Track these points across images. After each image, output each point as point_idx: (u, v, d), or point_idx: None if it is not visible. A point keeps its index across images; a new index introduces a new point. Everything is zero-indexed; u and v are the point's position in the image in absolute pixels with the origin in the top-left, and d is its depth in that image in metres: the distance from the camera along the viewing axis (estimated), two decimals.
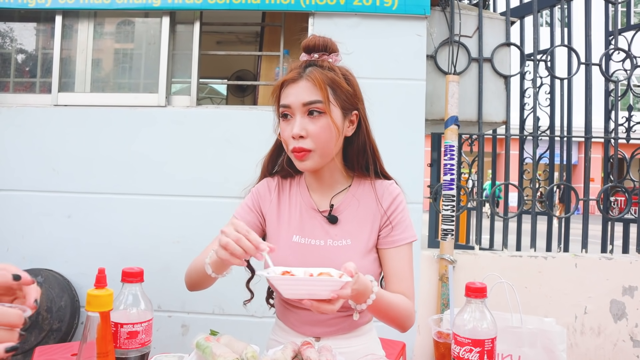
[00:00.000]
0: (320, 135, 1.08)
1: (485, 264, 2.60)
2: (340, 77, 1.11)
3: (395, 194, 1.20)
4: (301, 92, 1.07)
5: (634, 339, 2.61)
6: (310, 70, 1.09)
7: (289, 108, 1.09)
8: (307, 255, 1.14)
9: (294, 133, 1.07)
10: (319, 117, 1.07)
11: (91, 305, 0.72)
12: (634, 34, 3.01)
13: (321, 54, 1.13)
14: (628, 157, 2.98)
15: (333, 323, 1.16)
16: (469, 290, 0.85)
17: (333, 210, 1.18)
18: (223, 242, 0.90)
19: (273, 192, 1.23)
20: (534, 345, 1.65)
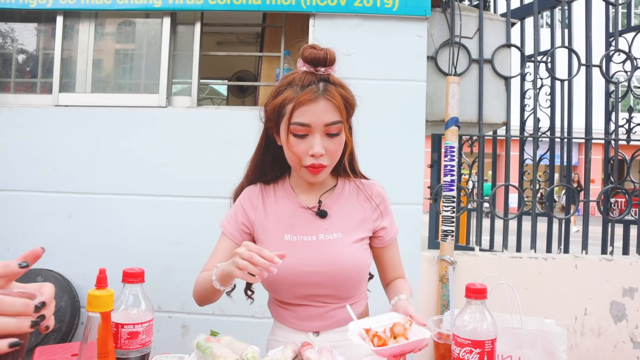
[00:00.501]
0: (337, 151, 1.15)
1: (485, 265, 2.60)
2: (350, 94, 1.16)
3: (383, 194, 1.29)
4: (322, 112, 1.09)
5: (634, 340, 2.60)
6: (327, 89, 1.11)
7: (309, 127, 1.10)
8: (300, 252, 1.16)
9: (316, 152, 1.10)
10: (336, 137, 1.13)
11: (92, 306, 0.72)
12: (634, 36, 3.01)
13: (327, 68, 1.14)
14: (628, 159, 2.98)
15: (329, 316, 1.18)
16: (469, 291, 0.85)
17: (322, 205, 1.22)
18: (241, 264, 0.95)
19: (257, 198, 1.26)
20: (534, 347, 1.65)
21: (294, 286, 1.17)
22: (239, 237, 1.24)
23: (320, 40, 2.50)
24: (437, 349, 0.96)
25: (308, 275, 1.15)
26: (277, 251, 1.16)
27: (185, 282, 2.53)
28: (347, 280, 1.17)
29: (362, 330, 0.94)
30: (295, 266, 1.14)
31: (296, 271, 1.15)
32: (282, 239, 1.19)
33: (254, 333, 2.40)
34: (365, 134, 2.49)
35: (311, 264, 1.15)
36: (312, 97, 1.09)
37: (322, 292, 1.17)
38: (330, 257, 1.16)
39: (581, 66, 2.86)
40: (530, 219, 2.93)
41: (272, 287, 1.22)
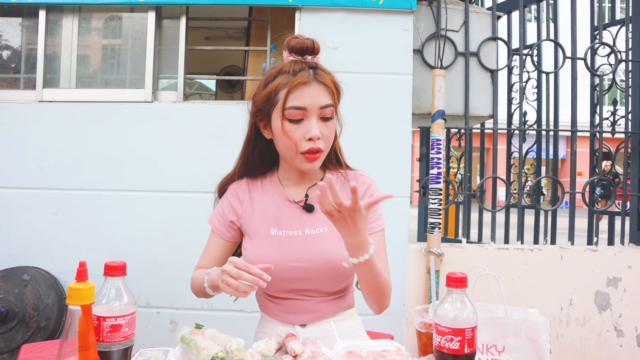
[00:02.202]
0: (331, 135, 1.15)
1: (472, 257, 2.62)
2: (337, 80, 1.18)
3: (368, 183, 1.26)
4: (316, 95, 1.10)
5: (618, 329, 2.65)
6: (318, 73, 1.13)
7: (304, 110, 1.10)
8: (286, 247, 1.16)
9: (314, 134, 1.09)
10: (330, 121, 1.14)
11: (72, 299, 0.72)
12: (618, 29, 3.05)
13: (313, 56, 1.17)
14: (613, 151, 3.02)
15: (316, 309, 1.19)
16: (450, 280, 0.86)
17: (308, 200, 1.21)
18: (232, 284, 0.97)
19: (244, 192, 1.26)
20: (518, 336, 1.67)
21: (280, 281, 1.17)
22: (227, 233, 1.25)
23: (306, 33, 2.49)
24: (420, 339, 0.97)
25: (293, 271, 1.15)
26: (263, 246, 1.17)
27: (174, 278, 2.54)
28: (332, 275, 1.17)
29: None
30: (280, 261, 1.14)
31: (282, 266, 1.14)
32: (268, 234, 1.19)
33: (242, 327, 2.41)
34: (352, 127, 2.49)
35: (296, 259, 1.15)
36: (306, 81, 1.10)
37: (308, 286, 1.18)
38: (316, 253, 1.16)
39: (566, 59, 2.89)
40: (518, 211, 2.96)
41: None
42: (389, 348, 0.94)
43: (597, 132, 2.96)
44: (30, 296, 2.38)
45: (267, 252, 1.16)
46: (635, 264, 2.67)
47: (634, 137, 2.99)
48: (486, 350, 1.69)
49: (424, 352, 0.95)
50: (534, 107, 3.05)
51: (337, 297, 1.22)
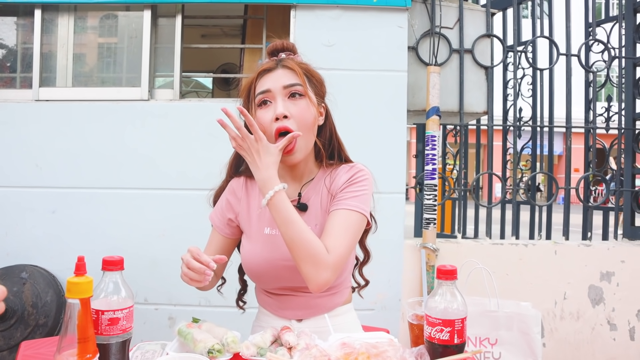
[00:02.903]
0: (303, 115, 1.12)
1: (467, 252, 2.65)
2: (312, 68, 1.21)
3: (355, 169, 1.20)
4: (280, 77, 1.13)
5: (611, 323, 2.68)
6: (285, 60, 1.17)
7: (269, 92, 1.12)
8: (279, 246, 1.16)
9: (278, 112, 1.09)
10: (299, 99, 1.12)
11: (71, 293, 0.74)
12: (612, 26, 3.07)
13: (287, 54, 1.21)
14: (607, 147, 3.05)
15: (312, 305, 1.20)
16: (440, 272, 0.88)
17: (301, 198, 1.21)
18: (183, 270, 1.01)
19: (241, 190, 1.27)
20: (510, 328, 1.70)
21: (275, 278, 1.19)
22: (226, 230, 1.27)
23: (301, 31, 2.51)
24: (412, 330, 1.00)
25: (287, 269, 1.16)
26: (257, 244, 1.19)
27: (172, 275, 2.54)
28: None
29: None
30: (275, 260, 1.16)
31: (276, 265, 1.16)
32: (263, 233, 1.20)
33: (239, 323, 2.41)
34: (347, 124, 2.51)
35: (289, 258, 1.13)
36: (269, 67, 1.15)
37: (302, 283, 1.17)
38: None
39: (560, 56, 2.91)
40: (513, 207, 2.99)
41: (256, 279, 1.24)
42: (381, 340, 0.96)
43: (591, 128, 2.99)
44: (29, 294, 2.39)
45: (261, 251, 1.17)
46: (628, 259, 2.70)
47: (627, 133, 3.01)
48: (479, 343, 1.72)
49: (416, 344, 0.97)
50: (529, 104, 3.07)
51: (333, 293, 1.23)
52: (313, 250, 1.03)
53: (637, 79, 3.01)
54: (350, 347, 0.91)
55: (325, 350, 0.90)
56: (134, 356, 1.00)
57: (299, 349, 0.94)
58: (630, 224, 3.01)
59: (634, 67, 3.03)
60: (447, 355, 0.85)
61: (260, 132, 1.02)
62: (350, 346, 0.91)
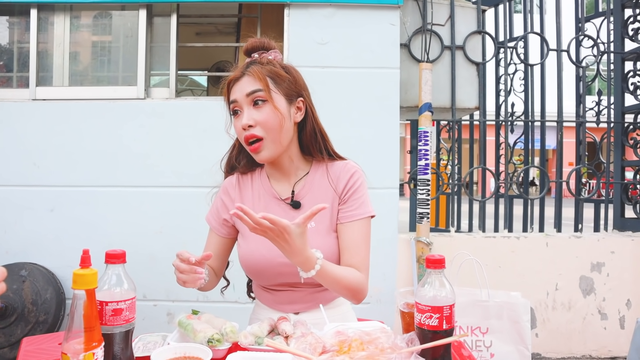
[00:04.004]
0: (268, 121, 1.14)
1: (460, 245, 2.69)
2: (278, 68, 1.19)
3: (351, 172, 1.24)
4: (244, 86, 1.16)
5: (602, 312, 2.74)
6: (250, 66, 1.18)
7: (236, 102, 1.17)
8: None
9: (242, 124, 1.14)
10: (263, 106, 1.15)
11: (77, 284, 0.77)
12: (601, 21, 3.12)
13: (260, 53, 1.23)
14: (598, 140, 3.10)
15: (309, 299, 1.23)
16: (429, 262, 0.92)
17: (295, 196, 1.23)
18: (179, 278, 1.05)
19: (234, 189, 1.29)
20: (500, 318, 1.75)
21: (272, 275, 1.21)
22: (222, 230, 1.28)
23: (295, 30, 2.54)
24: (403, 318, 1.03)
25: (284, 266, 1.17)
26: (253, 243, 1.20)
27: (170, 271, 2.56)
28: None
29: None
30: (271, 258, 1.17)
31: (273, 262, 1.18)
32: None
33: (237, 318, 2.46)
34: (341, 121, 2.55)
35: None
36: (236, 76, 1.18)
37: (299, 279, 1.18)
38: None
39: (550, 51, 2.95)
40: (505, 200, 3.04)
41: (253, 275, 1.26)
42: (374, 328, 1.00)
43: (582, 122, 3.04)
44: (29, 291, 2.42)
45: (258, 249, 1.19)
46: (618, 250, 2.76)
47: (617, 127, 3.06)
48: (470, 332, 1.77)
49: (407, 331, 1.01)
50: (521, 99, 3.12)
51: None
52: (355, 286, 1.13)
53: (626, 73, 3.06)
54: (344, 334, 0.95)
55: (321, 338, 0.94)
56: (136, 347, 1.03)
57: (295, 337, 0.97)
58: (620, 216, 3.06)
59: (623, 62, 3.08)
60: (437, 340, 0.89)
61: (281, 221, 0.97)
62: (344, 334, 0.95)
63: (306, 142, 1.25)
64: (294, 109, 1.20)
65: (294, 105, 1.20)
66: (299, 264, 1.04)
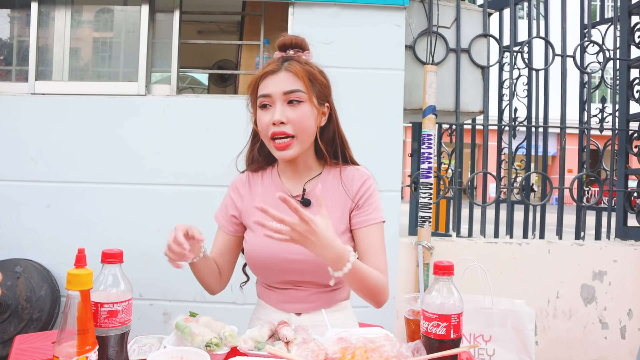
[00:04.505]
0: (302, 121, 1.15)
1: (461, 250, 2.67)
2: (316, 71, 1.21)
3: (364, 178, 1.26)
4: (281, 82, 1.14)
5: (603, 322, 2.71)
6: (289, 63, 1.17)
7: (269, 97, 1.15)
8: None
9: (275, 119, 1.13)
10: (298, 105, 1.14)
11: (71, 284, 0.74)
12: (607, 28, 3.10)
13: (296, 51, 1.22)
14: (601, 148, 3.08)
15: (312, 300, 1.22)
16: (437, 268, 0.89)
17: (306, 194, 1.24)
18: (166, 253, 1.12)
19: (244, 187, 1.29)
20: (504, 325, 1.72)
21: (278, 272, 1.21)
22: (230, 227, 1.29)
23: (299, 29, 2.51)
24: (408, 325, 1.01)
25: (291, 263, 1.18)
26: (263, 239, 1.17)
27: (167, 270, 2.53)
28: (326, 267, 1.19)
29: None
30: (279, 253, 1.18)
31: (280, 258, 1.18)
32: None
33: (235, 319, 2.42)
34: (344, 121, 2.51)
35: (294, 251, 1.16)
36: (273, 69, 1.16)
37: (304, 278, 1.21)
38: None
39: (555, 56, 2.93)
40: (507, 206, 3.01)
41: (258, 272, 1.27)
42: (378, 335, 0.97)
43: (585, 129, 3.02)
44: (23, 288, 2.38)
45: (266, 245, 1.18)
46: (620, 258, 2.73)
47: (621, 134, 3.04)
48: (473, 340, 1.73)
49: (412, 339, 0.98)
50: (524, 104, 3.09)
51: (335, 289, 1.25)
52: (381, 285, 1.14)
53: (631, 81, 3.04)
54: (347, 341, 0.92)
55: (323, 345, 0.91)
56: (132, 349, 1.00)
57: (296, 343, 0.94)
58: (623, 224, 3.04)
59: (628, 69, 3.06)
60: (444, 350, 0.86)
61: (305, 213, 0.97)
62: (347, 341, 0.92)
63: (324, 144, 1.25)
64: (320, 113, 1.22)
65: (321, 110, 1.22)
66: (332, 259, 1.01)
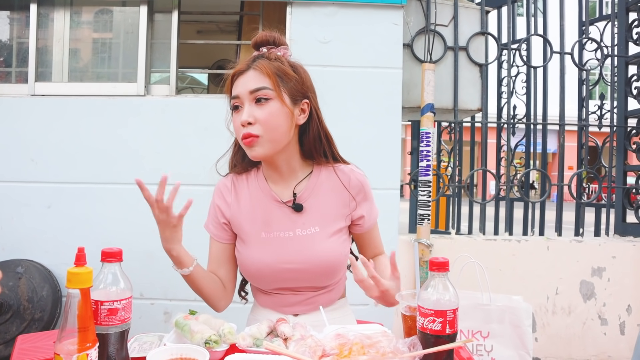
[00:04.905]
0: (269, 120, 1.09)
1: (460, 248, 2.68)
2: (286, 66, 1.14)
3: (362, 181, 1.23)
4: (248, 81, 1.11)
5: (602, 317, 2.72)
6: (257, 61, 1.13)
7: (238, 98, 1.12)
8: (278, 249, 1.17)
9: (242, 120, 1.09)
10: (265, 104, 1.10)
11: (71, 283, 0.75)
12: (605, 25, 3.10)
13: (269, 48, 1.18)
14: (600, 144, 3.09)
15: (309, 302, 1.21)
16: (433, 264, 0.90)
17: (297, 198, 1.19)
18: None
19: (230, 194, 1.24)
20: (502, 322, 1.73)
21: (273, 280, 1.19)
22: (223, 235, 1.24)
23: (297, 28, 2.52)
24: (405, 321, 1.01)
25: (287, 272, 1.16)
26: (255, 248, 1.17)
27: (168, 270, 2.54)
28: (325, 273, 1.18)
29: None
30: (273, 264, 1.16)
31: (275, 268, 1.16)
32: (259, 237, 1.18)
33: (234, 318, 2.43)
34: (343, 120, 2.53)
35: (289, 260, 1.16)
36: (241, 69, 1.13)
37: (301, 284, 1.19)
38: (308, 253, 1.16)
39: (553, 54, 2.94)
40: (506, 203, 3.02)
41: (253, 280, 1.23)
42: (375, 331, 0.98)
43: (584, 126, 3.02)
44: (25, 288, 2.40)
45: (260, 256, 1.17)
46: (619, 255, 2.74)
47: (619, 131, 3.05)
48: (471, 336, 1.74)
49: (409, 334, 0.99)
50: (523, 101, 3.10)
51: (330, 289, 1.24)
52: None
53: (629, 77, 3.05)
54: (345, 337, 0.93)
55: (320, 341, 0.92)
56: (132, 347, 1.01)
57: (294, 340, 0.95)
58: (622, 220, 3.05)
59: (626, 66, 3.06)
60: (439, 345, 0.87)
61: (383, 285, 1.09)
62: (344, 337, 0.93)
63: (308, 145, 1.20)
64: (297, 110, 1.15)
65: (298, 106, 1.15)
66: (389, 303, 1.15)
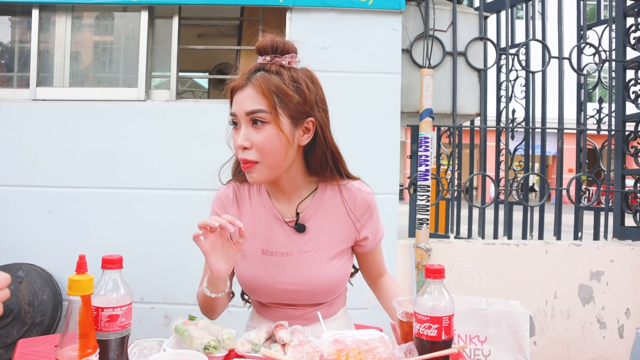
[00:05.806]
0: (265, 146, 1.02)
1: (459, 252, 2.68)
2: (287, 84, 1.03)
3: (368, 201, 1.17)
4: (245, 100, 1.02)
5: (600, 321, 2.73)
6: (256, 76, 1.03)
7: (236, 116, 1.04)
8: (278, 269, 1.14)
9: (237, 144, 1.03)
10: (262, 127, 1.01)
11: (72, 290, 0.76)
12: (603, 29, 3.12)
13: (273, 56, 1.06)
14: (599, 148, 3.10)
15: (308, 317, 1.19)
16: (428, 271, 0.91)
17: (300, 218, 1.14)
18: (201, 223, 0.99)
19: (232, 206, 1.19)
20: (499, 326, 1.74)
21: (270, 297, 1.17)
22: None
23: (297, 33, 2.54)
24: (402, 327, 1.02)
25: (285, 292, 1.15)
26: (255, 265, 1.14)
27: (168, 274, 2.58)
28: (324, 293, 1.17)
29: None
30: (273, 283, 1.14)
31: (275, 288, 1.14)
32: (260, 254, 1.16)
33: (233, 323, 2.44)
34: (342, 125, 2.54)
35: (288, 281, 1.13)
36: (239, 84, 1.04)
37: (300, 302, 1.18)
38: (308, 275, 1.14)
39: (552, 58, 2.95)
40: (505, 207, 3.03)
41: (250, 294, 1.22)
42: (372, 337, 1.00)
43: (582, 130, 3.04)
44: (25, 292, 2.41)
45: (259, 274, 1.15)
46: (617, 258, 2.75)
47: (617, 135, 3.06)
48: (469, 341, 1.75)
49: (405, 340, 1.00)
50: (522, 105, 3.12)
51: (330, 303, 1.23)
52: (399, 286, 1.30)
53: (627, 82, 3.06)
54: (342, 343, 0.94)
55: (318, 347, 0.93)
56: (132, 352, 1.02)
57: (292, 345, 0.96)
58: (620, 224, 3.06)
59: (624, 70, 3.08)
60: (435, 351, 0.88)
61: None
62: (342, 342, 0.94)
63: (314, 164, 1.13)
64: (300, 131, 1.07)
65: (301, 127, 1.06)
66: None
